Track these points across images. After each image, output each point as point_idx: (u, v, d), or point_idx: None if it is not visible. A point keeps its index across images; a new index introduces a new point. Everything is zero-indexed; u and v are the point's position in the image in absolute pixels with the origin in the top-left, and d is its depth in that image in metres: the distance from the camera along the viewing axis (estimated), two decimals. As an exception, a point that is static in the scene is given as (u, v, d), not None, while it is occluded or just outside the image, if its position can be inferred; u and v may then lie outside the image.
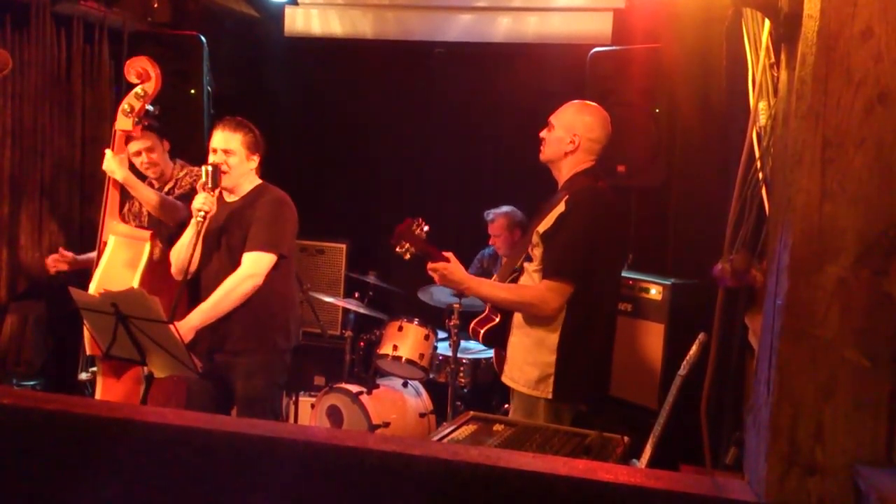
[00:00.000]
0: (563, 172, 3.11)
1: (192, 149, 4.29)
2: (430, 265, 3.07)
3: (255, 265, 3.21)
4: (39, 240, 4.59)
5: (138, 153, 3.97)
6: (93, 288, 3.47)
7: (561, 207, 2.97)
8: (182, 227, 3.42)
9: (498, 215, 4.92)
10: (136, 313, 2.85)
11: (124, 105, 3.63)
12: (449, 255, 3.09)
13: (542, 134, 3.13)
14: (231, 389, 3.34)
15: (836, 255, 1.36)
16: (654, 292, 3.89)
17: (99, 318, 2.95)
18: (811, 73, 1.37)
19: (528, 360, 3.04)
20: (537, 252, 3.02)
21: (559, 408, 3.00)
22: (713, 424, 3.34)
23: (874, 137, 1.35)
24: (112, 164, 3.59)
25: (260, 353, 3.31)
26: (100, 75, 4.83)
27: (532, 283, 3.05)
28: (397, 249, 3.11)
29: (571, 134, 3.05)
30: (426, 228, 3.12)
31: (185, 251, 3.23)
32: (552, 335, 2.99)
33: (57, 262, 4.02)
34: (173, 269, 3.37)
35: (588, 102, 3.17)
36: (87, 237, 4.64)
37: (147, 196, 3.69)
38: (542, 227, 2.99)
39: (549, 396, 2.98)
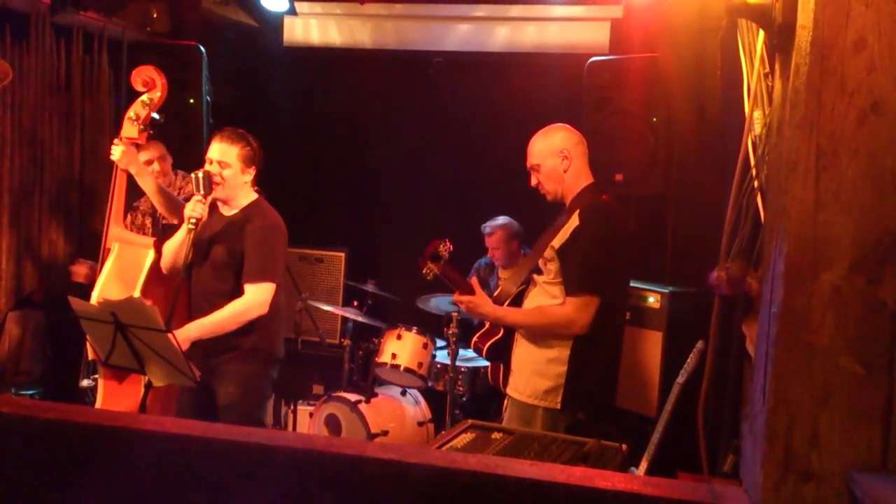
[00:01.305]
0: (570, 191, 3.10)
1: (190, 158, 4.30)
2: (456, 297, 3.10)
3: (260, 295, 3.26)
4: (39, 249, 4.60)
5: (150, 162, 4.01)
6: (96, 293, 3.49)
7: (575, 221, 2.98)
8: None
9: (496, 228, 4.92)
10: (135, 322, 2.86)
11: (130, 113, 3.67)
12: (474, 284, 3.11)
13: (534, 181, 3.14)
14: (214, 398, 3.35)
15: (831, 263, 1.37)
16: (653, 300, 3.89)
17: (98, 328, 2.95)
18: (805, 82, 1.38)
19: (537, 371, 3.03)
20: (552, 266, 3.02)
21: (558, 418, 3.00)
22: (711, 432, 3.36)
23: (868, 146, 1.36)
24: (125, 157, 3.61)
25: (241, 363, 3.32)
26: (99, 85, 4.84)
27: (544, 296, 3.05)
28: (423, 271, 3.15)
29: (560, 154, 3.06)
30: (451, 249, 3.15)
31: (175, 253, 3.31)
32: (563, 347, 2.99)
33: (81, 271, 4.04)
34: (162, 264, 3.41)
35: (548, 126, 3.17)
36: (86, 246, 4.65)
37: (153, 189, 3.73)
38: (557, 241, 3.00)
39: (558, 407, 2.98)
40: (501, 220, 4.94)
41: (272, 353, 3.42)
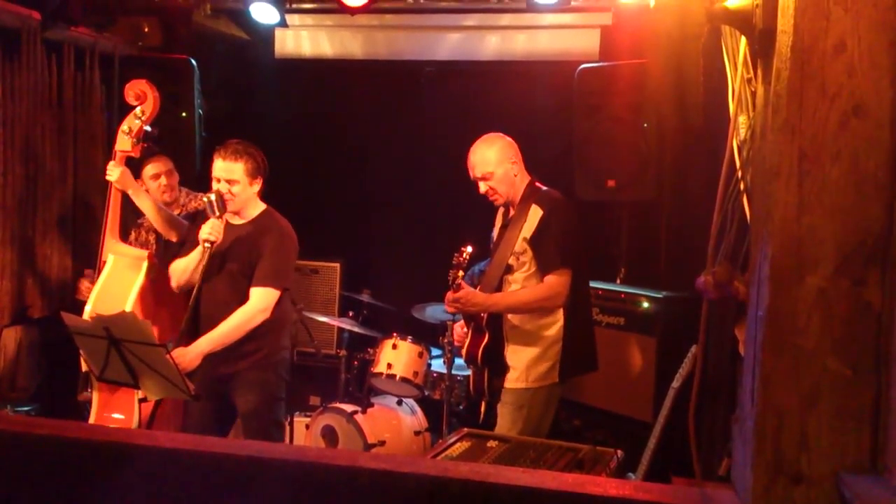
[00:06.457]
0: (518, 191, 3.39)
1: (183, 171, 4.30)
2: (449, 294, 3.28)
3: (264, 300, 3.31)
4: (34, 264, 4.59)
5: (157, 176, 4.03)
6: (90, 306, 3.49)
7: (538, 212, 3.28)
8: (184, 244, 3.51)
9: None
10: (129, 337, 2.86)
11: (124, 126, 3.73)
12: (459, 281, 3.29)
13: (484, 189, 3.38)
14: (232, 406, 3.41)
15: (816, 266, 1.38)
16: (647, 305, 3.90)
17: (91, 343, 2.95)
18: (786, 87, 1.39)
19: (535, 358, 3.29)
20: (526, 258, 3.28)
21: (554, 391, 3.32)
22: (708, 436, 3.36)
23: (849, 149, 1.37)
24: (122, 177, 3.66)
25: (257, 370, 3.38)
26: (91, 100, 4.84)
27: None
28: (449, 276, 3.30)
29: (509, 162, 3.36)
30: (465, 256, 3.30)
31: (188, 273, 3.35)
32: (555, 327, 3.28)
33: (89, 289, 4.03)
34: (173, 283, 3.45)
35: (483, 137, 3.45)
36: (79, 261, 4.64)
37: (150, 207, 3.74)
38: (527, 232, 3.27)
39: (557, 380, 3.28)
40: None
41: (282, 357, 3.50)
